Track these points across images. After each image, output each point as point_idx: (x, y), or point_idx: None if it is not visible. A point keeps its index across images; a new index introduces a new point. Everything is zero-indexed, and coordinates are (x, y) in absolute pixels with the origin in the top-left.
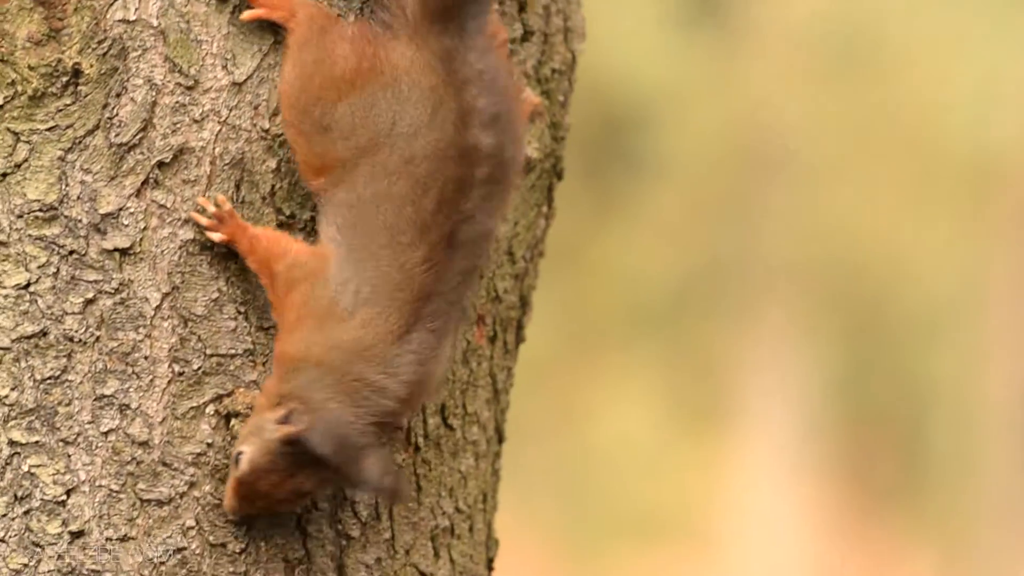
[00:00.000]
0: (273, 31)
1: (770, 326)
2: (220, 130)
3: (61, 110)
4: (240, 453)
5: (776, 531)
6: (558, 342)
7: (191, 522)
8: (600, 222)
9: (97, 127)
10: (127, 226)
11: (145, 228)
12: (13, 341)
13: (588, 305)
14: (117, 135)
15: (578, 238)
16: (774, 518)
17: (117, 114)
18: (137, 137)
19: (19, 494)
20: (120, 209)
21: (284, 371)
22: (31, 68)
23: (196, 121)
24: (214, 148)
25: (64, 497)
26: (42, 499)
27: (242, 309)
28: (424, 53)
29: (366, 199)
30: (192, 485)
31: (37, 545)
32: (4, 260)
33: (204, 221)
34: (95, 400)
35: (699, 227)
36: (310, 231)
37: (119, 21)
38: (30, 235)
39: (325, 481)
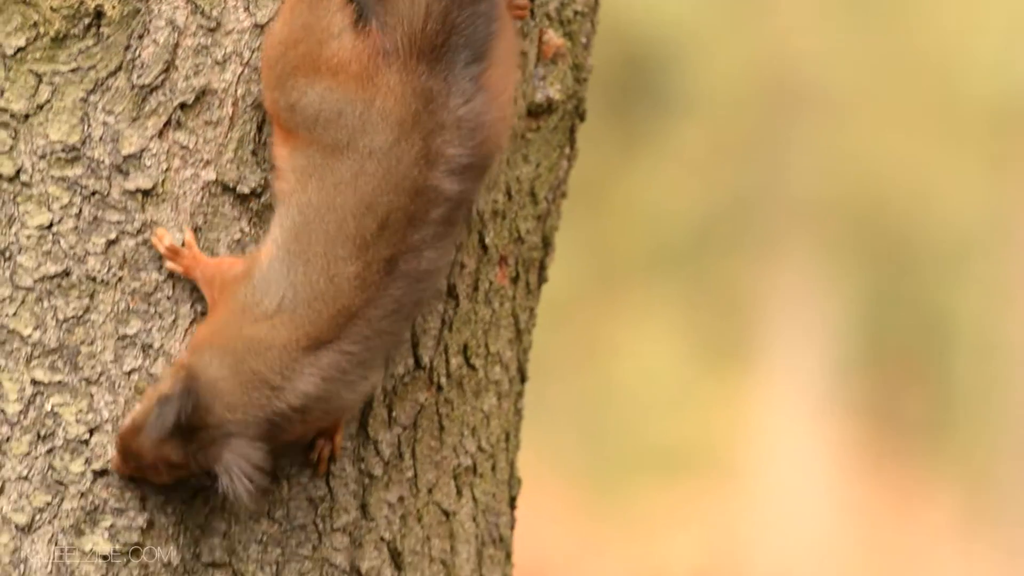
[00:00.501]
0: None
1: (794, 262)
2: (242, 71)
3: (83, 52)
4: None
5: (800, 466)
6: (582, 279)
7: None
8: (624, 160)
9: (119, 68)
10: (149, 167)
11: (167, 169)
12: (36, 281)
13: (612, 242)
14: (139, 76)
15: (602, 176)
16: (798, 453)
17: (139, 55)
18: (159, 79)
19: (42, 433)
20: (142, 150)
21: (192, 349)
22: (53, 9)
23: (218, 63)
24: (236, 89)
25: (87, 436)
26: (65, 438)
27: None
28: (407, 87)
29: (313, 204)
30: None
31: (60, 483)
32: (27, 201)
33: (161, 250)
34: (118, 340)
35: (723, 164)
36: None
37: None
38: (53, 176)
39: (190, 458)
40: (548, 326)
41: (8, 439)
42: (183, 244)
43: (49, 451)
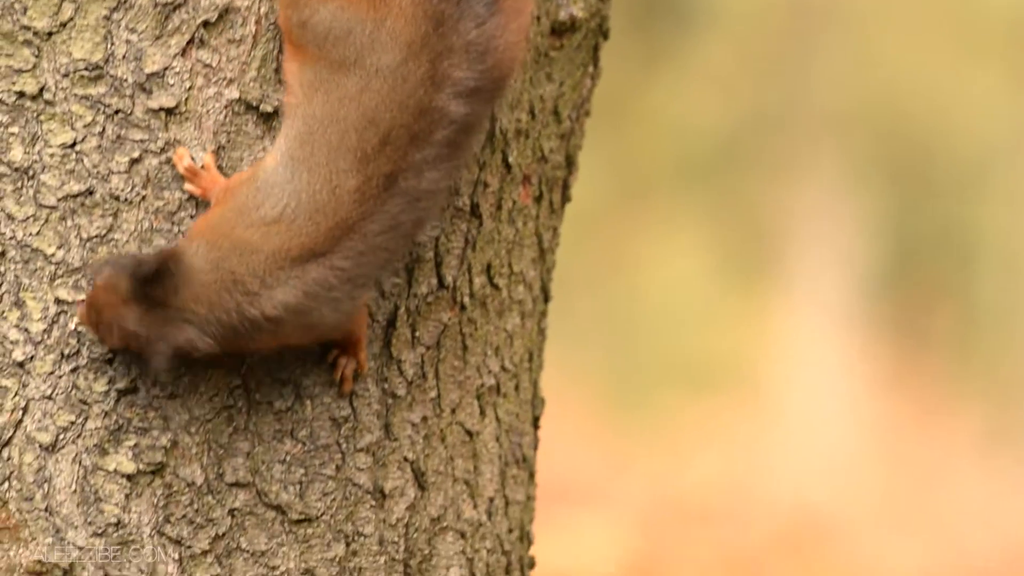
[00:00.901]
0: None
1: (818, 177)
2: None
3: None
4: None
5: (823, 382)
6: (607, 195)
7: (237, 380)
8: (648, 75)
9: None
10: (172, 85)
11: (190, 87)
12: (59, 200)
13: (637, 158)
14: None
15: (626, 91)
16: (821, 369)
17: None
18: None
19: (66, 352)
20: (165, 68)
21: (186, 236)
22: None
23: None
24: (259, 7)
25: (110, 355)
26: (89, 357)
27: None
28: (418, 9)
29: (317, 116)
30: None
31: (84, 403)
32: (50, 119)
33: (181, 170)
34: None
35: (747, 78)
36: None
37: None
38: (76, 94)
39: (141, 328)
40: (573, 242)
41: (32, 358)
42: (202, 166)
43: (73, 370)
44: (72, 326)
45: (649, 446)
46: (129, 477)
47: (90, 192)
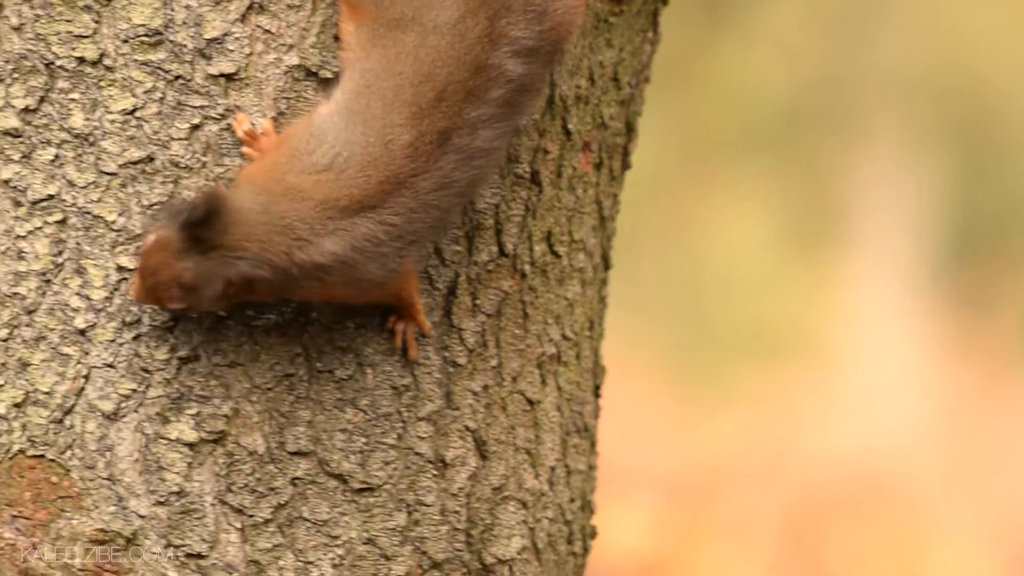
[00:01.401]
0: None
1: (884, 141)
2: None
3: None
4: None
5: (889, 348)
6: (671, 160)
7: (298, 348)
8: (713, 39)
9: None
10: (232, 51)
11: (250, 53)
12: (120, 167)
13: (701, 122)
14: None
15: (691, 55)
16: (887, 334)
17: None
18: None
19: (127, 320)
20: (225, 34)
21: (234, 182)
22: None
23: None
24: None
25: (172, 323)
26: (151, 325)
27: None
28: None
29: (374, 70)
30: (299, 312)
31: (146, 371)
32: (110, 85)
33: (240, 134)
34: None
35: (812, 41)
36: None
37: None
38: (136, 60)
39: (203, 280)
40: (637, 209)
41: (94, 326)
42: (262, 132)
43: (135, 338)
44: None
45: (713, 413)
46: (191, 446)
47: (150, 159)
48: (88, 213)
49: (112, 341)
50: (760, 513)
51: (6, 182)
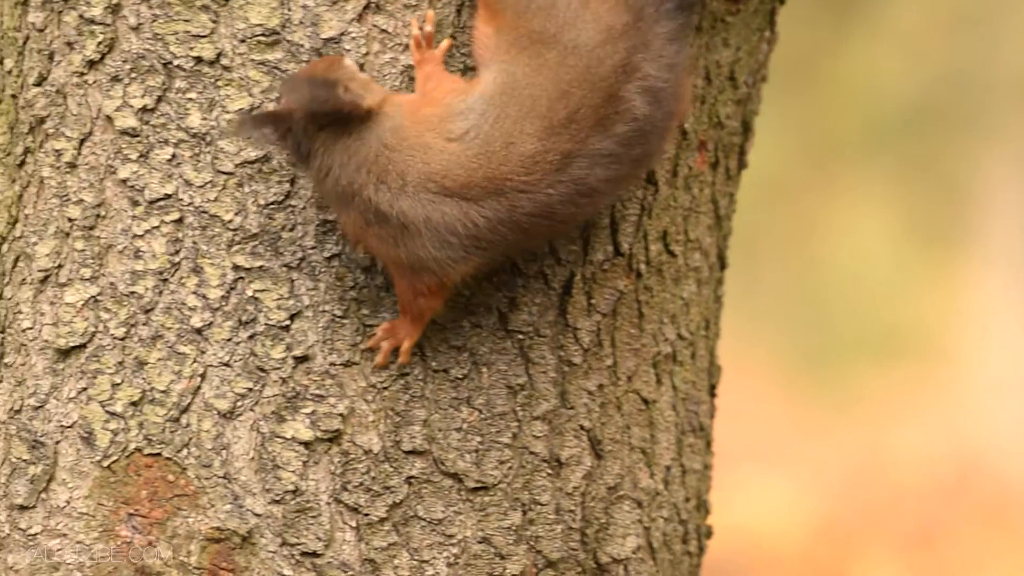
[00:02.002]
0: None
1: (1011, 140)
2: None
3: None
4: None
5: (1016, 350)
6: (794, 159)
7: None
8: (837, 37)
9: None
10: (349, 51)
11: (367, 53)
12: (236, 166)
13: (824, 121)
14: None
15: (815, 54)
16: (1013, 336)
17: None
18: None
19: (243, 319)
20: (342, 34)
21: (391, 99)
22: None
23: None
24: None
25: (288, 322)
26: (266, 324)
27: None
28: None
29: (518, 75)
30: None
31: (261, 370)
32: (227, 85)
33: (414, 31)
34: (318, 225)
35: (938, 39)
36: None
37: None
38: (253, 60)
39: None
40: (758, 208)
41: (210, 325)
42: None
43: (250, 337)
44: (249, 293)
45: (834, 414)
46: (306, 444)
47: (267, 158)
48: (205, 212)
49: (228, 340)
50: (882, 514)
51: (124, 181)
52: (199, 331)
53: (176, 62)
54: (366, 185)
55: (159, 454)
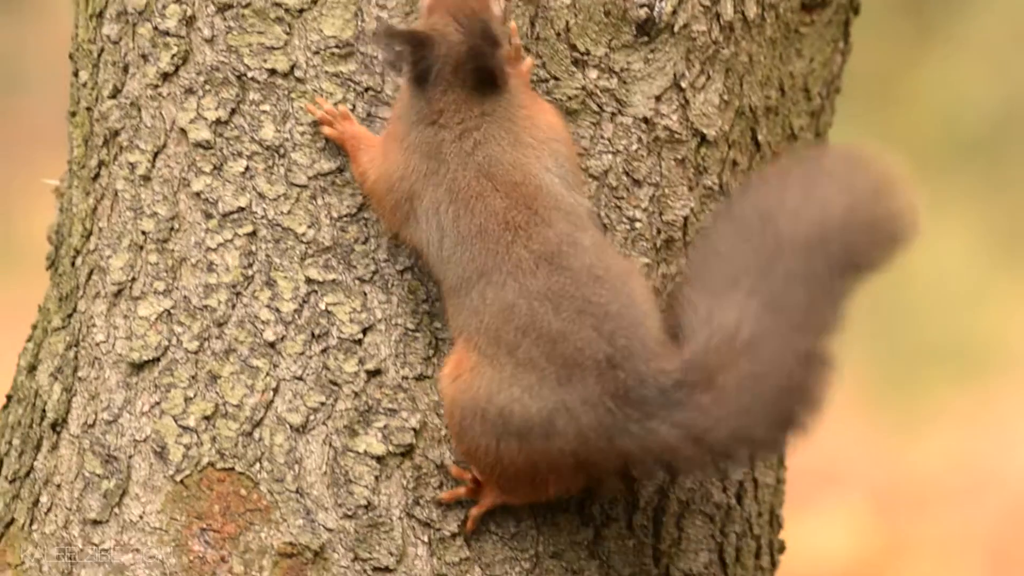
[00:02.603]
0: None
1: None
2: None
3: None
4: None
5: None
6: None
7: None
8: (918, 51)
9: None
10: None
11: None
12: (310, 178)
13: (906, 136)
14: None
15: (896, 68)
16: None
17: None
18: None
19: (316, 332)
20: None
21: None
22: None
23: None
24: None
25: (360, 335)
26: (339, 337)
27: None
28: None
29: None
30: None
31: (334, 383)
32: (301, 97)
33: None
34: (391, 238)
35: (1022, 54)
36: (604, 68)
37: None
38: (326, 71)
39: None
40: None
41: (283, 338)
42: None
43: (323, 351)
44: (322, 306)
45: (914, 431)
46: (379, 459)
47: (340, 170)
48: (278, 225)
49: (301, 354)
50: (965, 531)
51: (197, 194)
52: (272, 344)
53: (250, 74)
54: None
55: (232, 468)
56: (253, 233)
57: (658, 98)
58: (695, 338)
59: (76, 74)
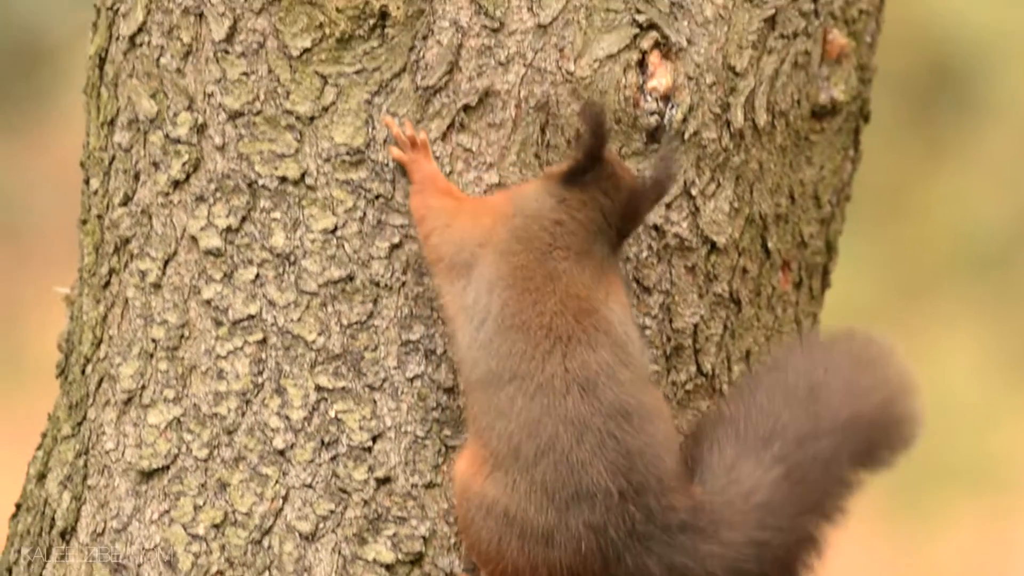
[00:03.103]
0: None
1: None
2: (525, 73)
3: (368, 53)
4: None
5: None
6: (883, 287)
7: None
8: (928, 166)
9: (403, 70)
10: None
11: (451, 172)
12: (320, 286)
13: (916, 250)
14: (423, 78)
15: (905, 182)
16: None
17: (423, 56)
18: (443, 80)
19: (326, 440)
20: None
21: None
22: (339, 10)
23: (501, 64)
24: (519, 91)
25: (370, 443)
26: (348, 445)
27: None
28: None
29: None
30: None
31: (344, 491)
32: (311, 204)
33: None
34: (401, 345)
35: None
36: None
37: None
38: (337, 179)
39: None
40: None
41: (292, 446)
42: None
43: (333, 458)
44: (332, 414)
45: (925, 546)
46: (388, 567)
47: (350, 278)
48: (288, 332)
49: (311, 461)
50: None
51: (208, 302)
52: (282, 452)
53: (261, 181)
54: None
55: None
56: (263, 341)
57: (668, 205)
58: (713, 481)
59: (87, 182)
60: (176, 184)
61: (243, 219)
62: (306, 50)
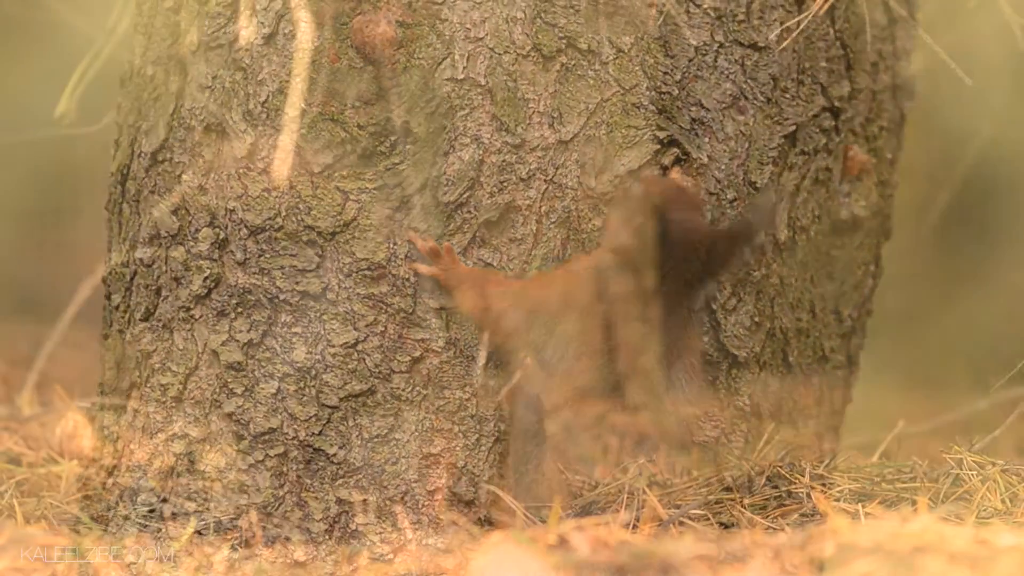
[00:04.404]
0: (599, 88)
1: None
2: (546, 188)
3: (390, 169)
4: None
5: None
6: (902, 408)
7: None
8: (949, 287)
9: (425, 185)
10: None
11: None
12: (341, 400)
13: (935, 369)
14: (445, 193)
15: (922, 307)
16: None
17: (444, 172)
18: (464, 195)
19: (347, 553)
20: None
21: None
22: (360, 127)
23: (523, 179)
24: (540, 206)
25: (391, 556)
26: (370, 558)
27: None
28: None
29: None
30: None
31: None
32: (332, 319)
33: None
34: (422, 459)
35: None
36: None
37: (447, 80)
38: (358, 294)
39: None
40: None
41: (314, 559)
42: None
43: (353, 571)
44: (353, 527)
45: None
46: None
47: (371, 392)
48: (309, 446)
49: (331, 575)
50: None
51: (229, 415)
52: (303, 564)
53: (282, 296)
54: None
55: None
56: (284, 454)
57: None
58: None
59: (109, 297)
60: (197, 299)
61: (264, 334)
62: (327, 166)
